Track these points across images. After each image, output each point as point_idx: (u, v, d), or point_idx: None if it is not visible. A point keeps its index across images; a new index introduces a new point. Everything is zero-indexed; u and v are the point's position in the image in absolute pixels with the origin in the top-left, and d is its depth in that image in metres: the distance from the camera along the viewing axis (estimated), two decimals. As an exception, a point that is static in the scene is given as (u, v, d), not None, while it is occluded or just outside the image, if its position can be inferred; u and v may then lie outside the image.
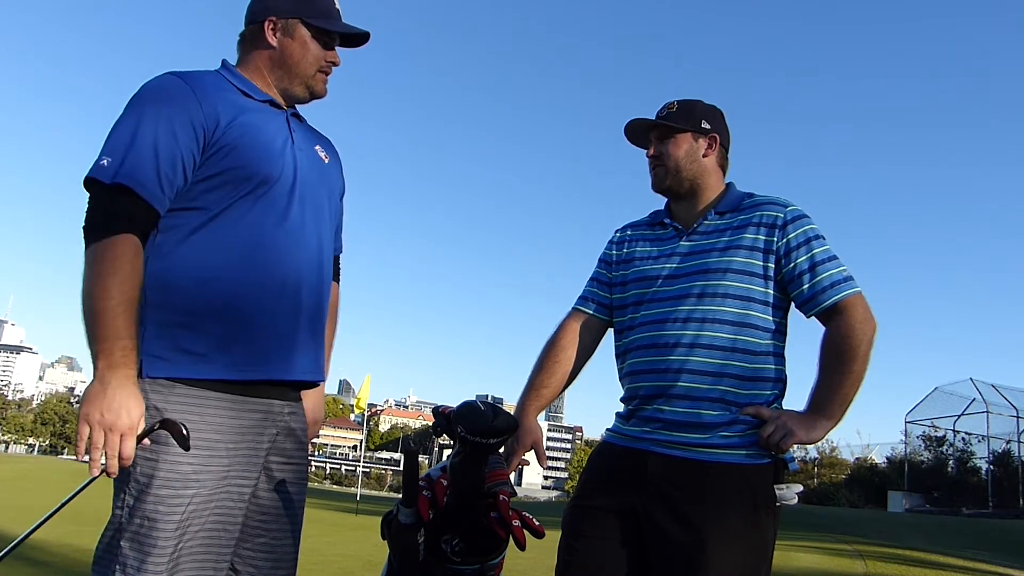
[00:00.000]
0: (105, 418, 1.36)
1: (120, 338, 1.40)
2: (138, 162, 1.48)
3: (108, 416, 1.36)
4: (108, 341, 1.39)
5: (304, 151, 1.72)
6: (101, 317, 1.40)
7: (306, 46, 1.71)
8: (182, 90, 1.56)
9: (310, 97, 1.76)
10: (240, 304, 1.54)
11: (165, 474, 1.45)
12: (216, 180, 1.56)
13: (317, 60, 1.72)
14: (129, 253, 1.45)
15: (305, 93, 1.74)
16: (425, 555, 1.54)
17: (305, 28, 1.70)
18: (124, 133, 1.51)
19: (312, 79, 1.73)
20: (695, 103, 1.92)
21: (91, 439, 1.37)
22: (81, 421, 1.37)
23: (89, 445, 1.37)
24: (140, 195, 1.48)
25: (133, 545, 1.44)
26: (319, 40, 1.72)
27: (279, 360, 1.58)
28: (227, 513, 1.54)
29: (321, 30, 1.71)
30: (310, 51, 1.71)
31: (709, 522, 1.61)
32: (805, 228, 1.77)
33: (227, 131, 1.56)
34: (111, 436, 1.37)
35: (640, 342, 1.81)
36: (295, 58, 1.71)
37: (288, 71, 1.71)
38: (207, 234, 1.55)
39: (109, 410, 1.36)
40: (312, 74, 1.72)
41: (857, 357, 1.68)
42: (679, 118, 1.88)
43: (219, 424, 1.50)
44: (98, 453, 1.37)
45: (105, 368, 1.38)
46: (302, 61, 1.71)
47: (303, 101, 1.77)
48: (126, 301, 1.42)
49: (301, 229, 1.64)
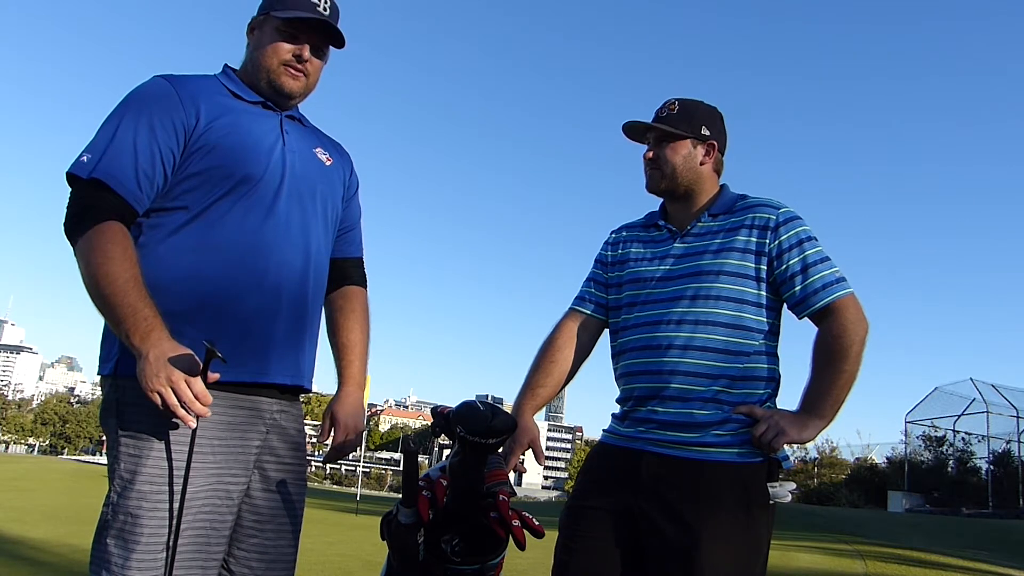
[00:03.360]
0: (161, 377, 1.38)
1: (139, 310, 1.42)
2: (116, 159, 1.51)
3: (163, 373, 1.38)
4: (130, 319, 1.41)
5: (298, 152, 1.70)
6: (113, 300, 1.42)
7: (268, 38, 1.68)
8: (166, 91, 1.58)
9: (275, 93, 1.70)
10: (218, 304, 1.54)
11: (149, 470, 1.45)
12: (197, 179, 1.57)
13: (277, 52, 1.67)
14: (118, 235, 1.47)
15: (269, 88, 1.69)
16: (425, 555, 1.54)
17: (271, 21, 1.69)
18: (106, 132, 1.54)
19: (274, 72, 1.68)
20: (696, 105, 1.91)
21: (165, 403, 1.39)
22: (150, 395, 1.39)
23: (170, 409, 1.39)
24: (116, 191, 1.50)
25: (118, 543, 1.44)
26: (284, 33, 1.68)
27: (254, 362, 1.57)
28: (215, 512, 1.52)
29: (285, 21, 1.67)
30: (271, 44, 1.68)
31: (703, 521, 1.62)
32: (797, 230, 1.78)
33: (208, 130, 1.57)
34: (178, 387, 1.38)
35: (634, 343, 1.82)
36: (258, 53, 1.70)
37: (256, 66, 1.70)
38: (188, 233, 1.55)
39: (161, 369, 1.38)
40: (274, 67, 1.68)
41: (849, 357, 1.69)
42: (679, 121, 1.87)
43: (202, 420, 1.46)
44: (180, 410, 1.39)
45: (140, 342, 1.41)
46: (263, 55, 1.69)
47: (276, 98, 1.71)
48: (132, 278, 1.44)
49: (286, 229, 1.62)
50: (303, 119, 1.82)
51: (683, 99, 1.91)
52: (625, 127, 1.94)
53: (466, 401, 1.60)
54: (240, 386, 1.57)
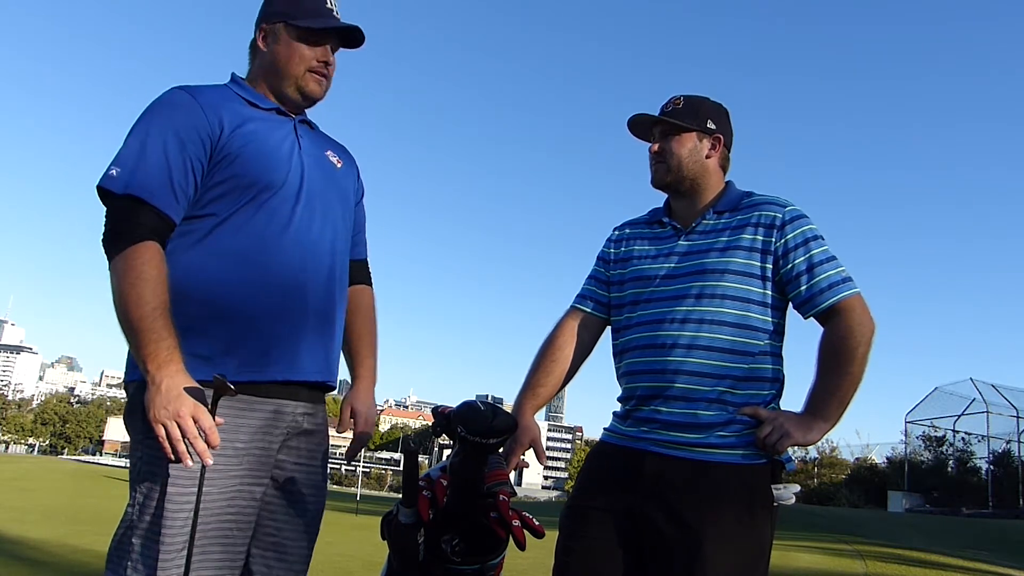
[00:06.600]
0: (169, 409, 1.39)
1: (163, 339, 1.44)
2: (149, 173, 1.53)
3: (171, 406, 1.39)
4: (152, 345, 1.43)
5: (312, 157, 1.74)
6: (140, 324, 1.43)
7: (291, 47, 1.71)
8: (188, 102, 1.60)
9: (303, 99, 1.75)
10: (245, 307, 1.57)
11: (175, 472, 1.48)
12: (222, 188, 1.60)
13: (304, 60, 1.71)
14: (155, 259, 1.49)
15: (297, 95, 1.74)
16: (425, 555, 1.54)
17: (290, 29, 1.71)
18: (133, 144, 1.56)
19: (302, 79, 1.72)
20: (702, 100, 1.90)
21: (169, 436, 1.40)
22: (155, 426, 1.40)
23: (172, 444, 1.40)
24: (154, 205, 1.52)
25: (144, 542, 1.47)
26: (306, 40, 1.71)
27: (284, 361, 1.60)
28: (240, 512, 1.56)
29: (307, 29, 1.70)
30: (295, 51, 1.71)
31: (706, 522, 1.60)
32: (803, 228, 1.76)
33: (231, 139, 1.60)
34: (183, 422, 1.39)
35: (637, 342, 1.81)
36: (282, 61, 1.72)
37: (277, 75, 1.73)
38: (213, 240, 1.58)
39: (169, 402, 1.39)
40: (301, 74, 1.72)
41: (855, 359, 1.67)
42: (685, 115, 1.86)
43: (228, 424, 1.51)
44: (181, 445, 1.40)
45: (155, 370, 1.42)
46: (288, 62, 1.71)
47: (300, 104, 1.77)
48: (161, 304, 1.45)
49: (307, 233, 1.66)
50: (312, 123, 1.85)
51: (688, 95, 1.90)
52: (630, 122, 1.93)
53: (467, 401, 1.60)
54: (265, 386, 1.59)
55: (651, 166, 1.91)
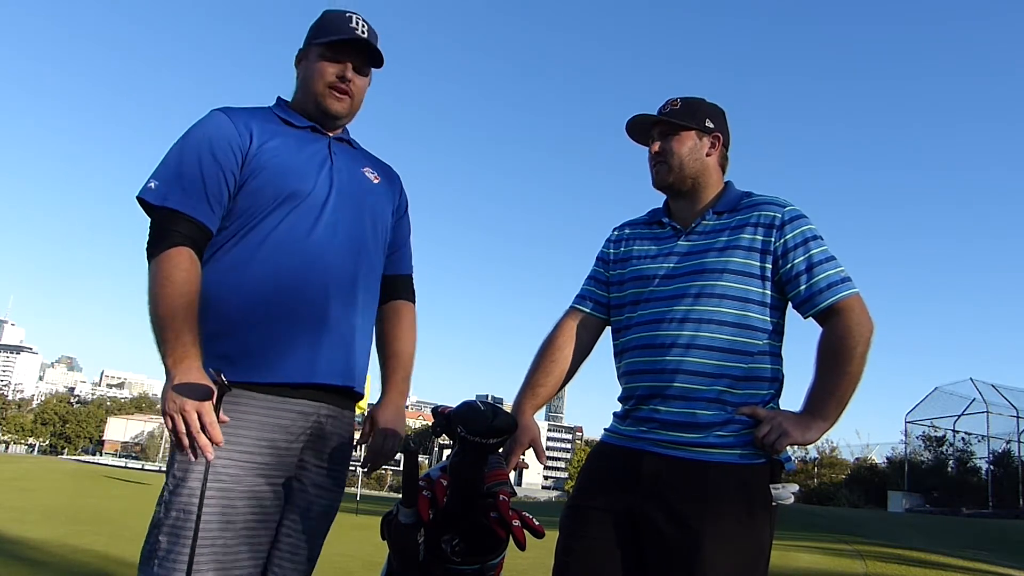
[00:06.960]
0: (175, 403, 1.45)
1: (182, 335, 1.51)
2: (184, 184, 1.62)
3: (177, 400, 1.45)
4: (171, 342, 1.50)
5: (345, 172, 1.80)
6: (164, 322, 1.52)
7: (313, 65, 1.80)
8: (221, 119, 1.71)
9: (323, 115, 1.81)
10: (266, 312, 1.62)
11: (200, 468, 1.52)
12: (250, 197, 1.67)
13: (323, 76, 1.78)
14: (184, 263, 1.57)
15: (318, 112, 1.80)
16: (425, 555, 1.54)
17: (314, 48, 1.80)
18: (171, 159, 1.66)
19: (321, 95, 1.79)
20: (699, 101, 1.91)
21: (175, 429, 1.46)
22: (164, 418, 1.47)
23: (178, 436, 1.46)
24: (188, 213, 1.61)
25: (170, 538, 1.51)
26: (326, 57, 1.78)
27: (302, 364, 1.64)
28: (263, 508, 1.60)
29: (326, 45, 1.78)
30: (316, 69, 1.79)
31: (705, 522, 1.60)
32: (803, 228, 1.77)
33: (260, 152, 1.69)
34: (187, 415, 1.45)
35: (636, 342, 1.81)
36: (305, 79, 1.82)
37: (304, 93, 1.82)
38: (240, 247, 1.65)
39: (177, 396, 1.45)
40: (321, 91, 1.78)
41: (854, 358, 1.67)
42: (683, 115, 1.87)
43: (251, 423, 1.58)
44: (185, 439, 1.46)
45: (171, 365, 1.49)
46: (309, 79, 1.80)
47: (326, 121, 1.82)
48: (185, 305, 1.53)
49: (331, 242, 1.70)
50: (352, 141, 1.91)
51: (685, 96, 1.91)
52: (629, 124, 1.94)
53: (467, 401, 1.61)
54: (287, 388, 1.63)
55: (652, 167, 1.91)
